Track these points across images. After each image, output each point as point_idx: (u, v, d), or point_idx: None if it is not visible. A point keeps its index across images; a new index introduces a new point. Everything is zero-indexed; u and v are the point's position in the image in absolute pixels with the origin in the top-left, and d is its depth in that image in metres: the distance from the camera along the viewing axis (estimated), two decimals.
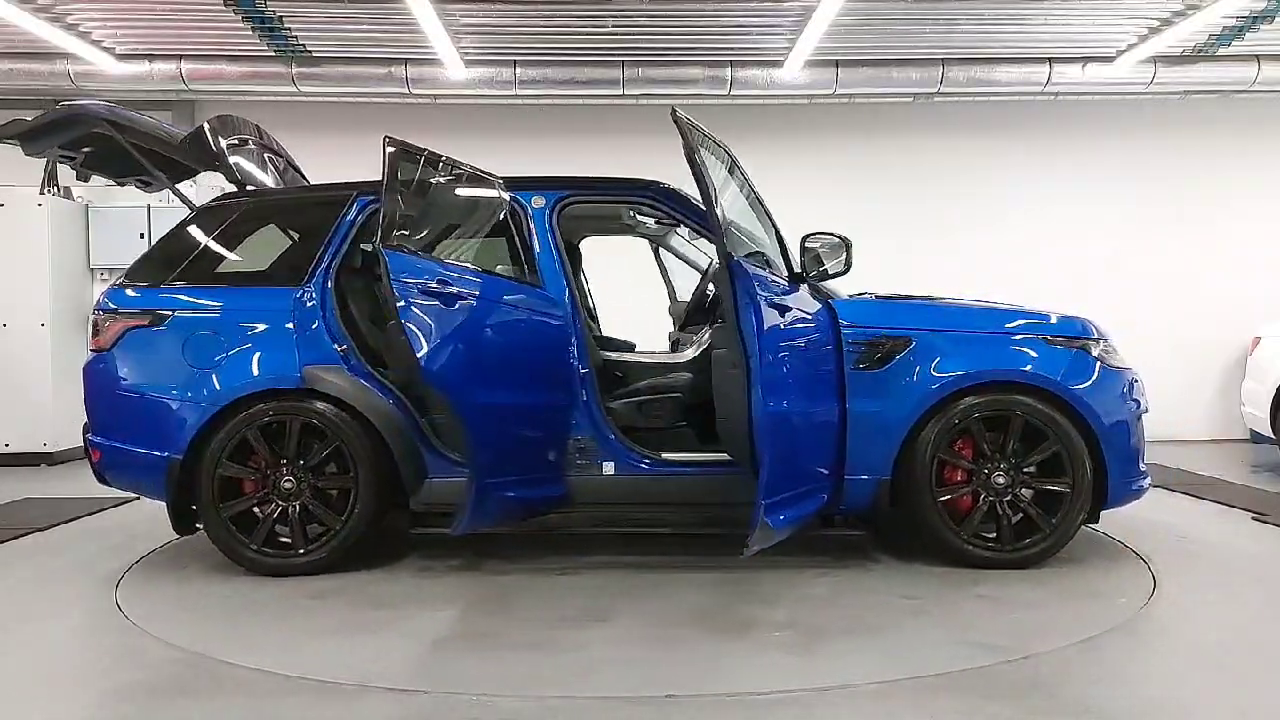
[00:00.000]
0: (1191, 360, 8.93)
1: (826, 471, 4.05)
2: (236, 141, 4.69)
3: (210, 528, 4.16)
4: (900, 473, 4.12)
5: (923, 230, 8.66)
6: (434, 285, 3.70)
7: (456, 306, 3.75)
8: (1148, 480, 4.39)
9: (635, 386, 4.77)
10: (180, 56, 7.62)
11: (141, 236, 7.60)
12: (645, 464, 4.27)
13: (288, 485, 4.16)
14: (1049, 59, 7.83)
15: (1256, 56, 7.82)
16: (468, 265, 4.02)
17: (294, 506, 4.16)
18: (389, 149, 3.81)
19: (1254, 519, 5.25)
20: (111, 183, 5.09)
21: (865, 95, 8.18)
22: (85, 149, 4.64)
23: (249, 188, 4.66)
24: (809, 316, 4.04)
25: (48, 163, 8.25)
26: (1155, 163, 8.90)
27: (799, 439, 3.85)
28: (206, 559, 4.33)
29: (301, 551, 4.15)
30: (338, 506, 4.18)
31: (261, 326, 4.26)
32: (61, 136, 4.47)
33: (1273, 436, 7.05)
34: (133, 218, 7.74)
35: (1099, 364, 4.25)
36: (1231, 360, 8.74)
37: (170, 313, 4.25)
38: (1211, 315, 8.91)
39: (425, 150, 4.08)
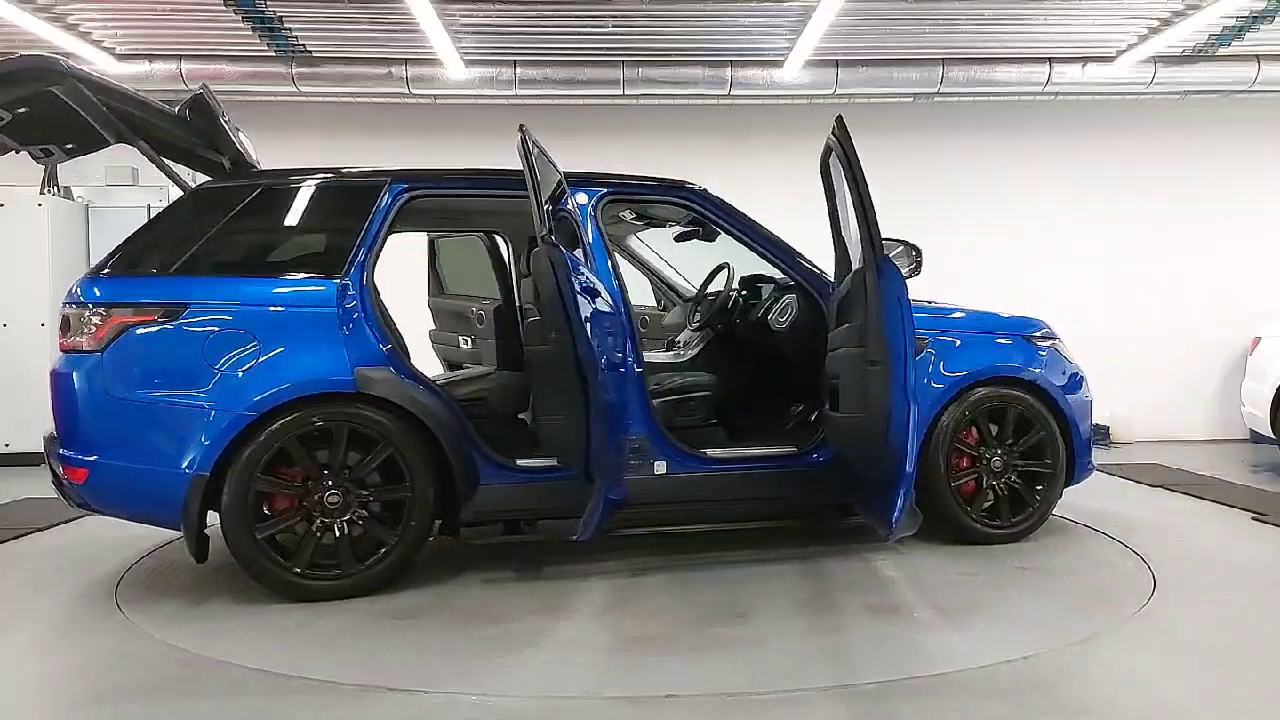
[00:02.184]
0: (1191, 360, 8.93)
1: None
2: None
3: (241, 551, 3.69)
4: (919, 461, 4.34)
5: (922, 229, 8.54)
6: (585, 283, 3.58)
7: (596, 304, 3.64)
8: (1094, 461, 4.99)
9: (668, 386, 4.75)
10: (180, 56, 7.61)
11: None
12: (693, 462, 4.25)
13: (334, 500, 3.75)
14: (1049, 59, 7.82)
15: (1256, 56, 7.82)
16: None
17: (341, 523, 3.76)
18: (524, 135, 3.64)
19: (1254, 519, 5.24)
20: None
21: (865, 95, 8.17)
22: (20, 110, 3.93)
23: (260, 168, 4.31)
24: None
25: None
26: (1155, 163, 8.89)
27: None
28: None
29: (351, 572, 3.77)
30: (386, 521, 3.86)
31: (304, 322, 3.82)
32: (8, 93, 3.79)
33: (1273, 436, 7.05)
34: (133, 218, 7.73)
35: (1064, 360, 4.87)
36: (1231, 360, 8.73)
37: (186, 305, 3.72)
38: (1211, 315, 8.90)
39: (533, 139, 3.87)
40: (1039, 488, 4.62)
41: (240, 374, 3.69)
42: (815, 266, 4.66)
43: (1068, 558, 4.41)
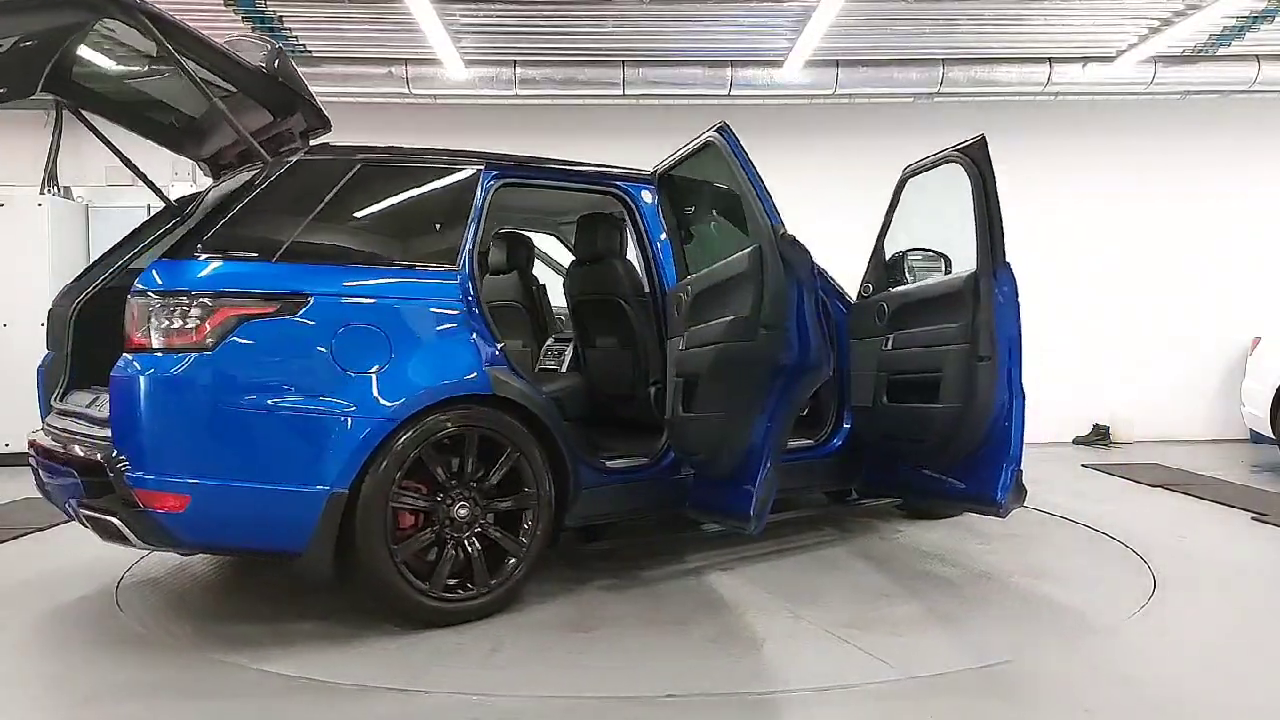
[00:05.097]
0: (1191, 360, 8.93)
1: None
2: None
3: (378, 575, 3.29)
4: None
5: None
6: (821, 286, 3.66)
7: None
8: None
9: None
10: None
11: None
12: None
13: (463, 513, 3.47)
14: (1049, 59, 7.82)
15: (1256, 56, 7.82)
16: None
17: (470, 537, 3.47)
18: (732, 134, 3.65)
19: (1254, 519, 5.25)
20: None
21: (865, 95, 8.17)
22: (25, 43, 3.37)
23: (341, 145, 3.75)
24: None
25: (48, 163, 8.28)
26: (1155, 163, 8.89)
27: None
28: (200, 562, 4.31)
29: (485, 590, 3.48)
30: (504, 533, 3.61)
31: (436, 318, 3.50)
32: (58, 17, 3.24)
33: (1273, 436, 7.05)
34: (133, 218, 7.73)
35: None
36: (1231, 360, 8.73)
37: (308, 296, 3.23)
38: (1211, 315, 8.91)
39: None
40: None
41: (376, 375, 3.29)
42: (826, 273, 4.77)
43: (1068, 557, 4.43)
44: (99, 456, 3.12)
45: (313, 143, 3.80)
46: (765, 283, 3.44)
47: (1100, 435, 8.78)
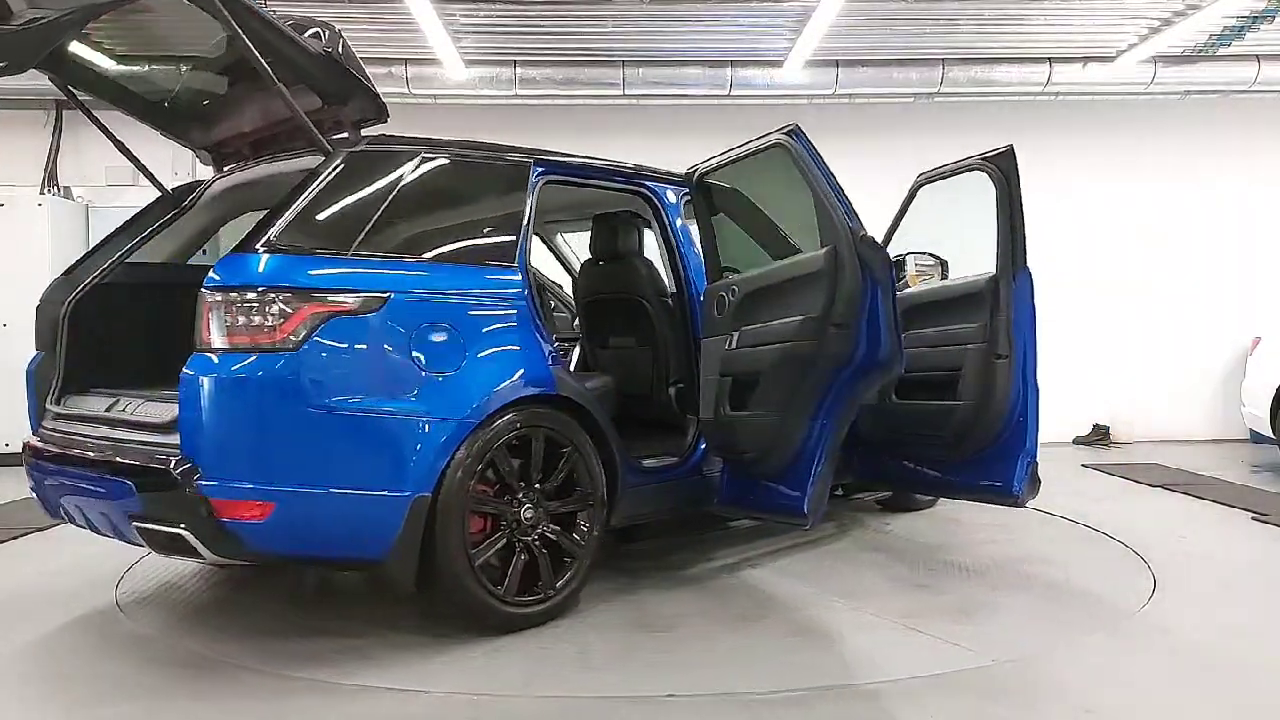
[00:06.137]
0: (1192, 360, 8.93)
1: None
2: None
3: (456, 580, 3.19)
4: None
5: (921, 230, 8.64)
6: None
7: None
8: None
9: None
10: None
11: None
12: None
13: (529, 514, 3.40)
14: (1049, 59, 7.82)
15: (1256, 56, 7.82)
16: None
17: (534, 540, 3.41)
18: (804, 137, 3.66)
19: (1254, 519, 5.25)
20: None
21: (865, 95, 8.18)
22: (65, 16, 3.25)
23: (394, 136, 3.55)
24: None
25: (48, 163, 8.30)
26: (1155, 163, 8.90)
27: None
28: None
29: (552, 593, 3.43)
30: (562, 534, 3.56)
31: (505, 316, 3.43)
32: None
33: (1273, 436, 7.05)
34: None
35: None
36: (1231, 360, 8.74)
37: (388, 294, 3.11)
38: (1211, 315, 8.91)
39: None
40: None
41: (456, 374, 3.22)
42: None
43: (1068, 557, 4.43)
44: (158, 464, 2.93)
45: (364, 133, 3.60)
46: (839, 282, 3.42)
47: (1100, 435, 8.79)
